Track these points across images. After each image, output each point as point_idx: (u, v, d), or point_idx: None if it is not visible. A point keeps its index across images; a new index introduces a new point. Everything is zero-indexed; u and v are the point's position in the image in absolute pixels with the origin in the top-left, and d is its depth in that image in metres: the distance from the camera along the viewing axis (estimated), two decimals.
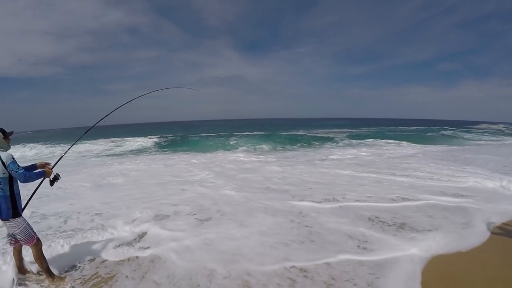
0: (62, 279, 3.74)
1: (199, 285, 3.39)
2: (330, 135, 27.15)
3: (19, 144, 23.90)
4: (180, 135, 30.82)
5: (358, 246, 4.19)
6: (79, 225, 5.30)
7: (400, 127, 40.64)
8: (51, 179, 3.83)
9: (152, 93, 5.49)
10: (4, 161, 3.33)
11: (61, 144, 26.10)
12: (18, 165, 3.39)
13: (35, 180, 3.49)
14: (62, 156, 4.34)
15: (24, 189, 3.65)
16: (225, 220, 5.40)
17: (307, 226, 4.99)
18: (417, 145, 20.64)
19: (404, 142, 22.10)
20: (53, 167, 3.90)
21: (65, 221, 5.50)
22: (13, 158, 3.39)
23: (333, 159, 13.69)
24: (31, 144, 24.65)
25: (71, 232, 4.97)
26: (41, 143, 26.72)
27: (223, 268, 3.72)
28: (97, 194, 7.64)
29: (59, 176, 3.86)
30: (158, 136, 27.99)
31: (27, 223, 3.60)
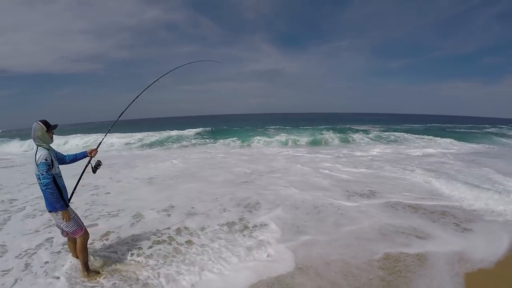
0: (97, 273, 3.70)
1: None
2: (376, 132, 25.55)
3: (70, 134, 25.75)
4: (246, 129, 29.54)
5: None
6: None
7: (447, 125, 38.78)
8: (93, 166, 3.91)
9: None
10: (36, 159, 3.27)
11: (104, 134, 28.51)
12: (48, 168, 3.26)
13: (53, 195, 3.23)
14: (104, 138, 4.71)
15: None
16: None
17: None
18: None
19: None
20: (97, 147, 3.98)
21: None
22: (46, 159, 3.27)
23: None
24: (80, 135, 26.59)
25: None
26: (85, 133, 28.16)
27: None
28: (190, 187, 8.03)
29: (101, 162, 3.96)
30: (202, 129, 27.48)
31: (74, 214, 3.60)
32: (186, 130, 26.97)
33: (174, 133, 24.87)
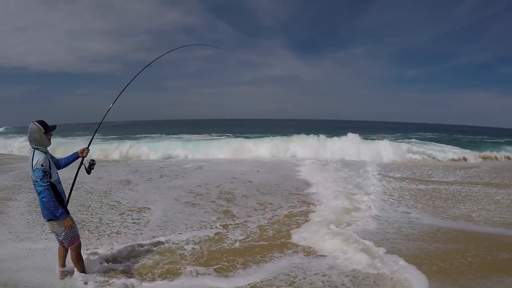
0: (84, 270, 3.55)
1: None
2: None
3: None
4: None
5: None
6: None
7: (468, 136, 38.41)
8: (87, 167, 3.62)
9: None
10: (33, 164, 3.01)
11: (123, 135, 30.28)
12: (45, 175, 2.97)
13: (49, 203, 2.98)
14: (93, 135, 4.17)
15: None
16: None
17: None
18: None
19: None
20: (88, 145, 3.71)
21: None
22: (43, 165, 2.99)
23: None
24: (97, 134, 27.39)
25: None
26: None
27: None
28: None
29: (95, 162, 3.71)
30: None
31: (73, 222, 3.29)
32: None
33: None
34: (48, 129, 3.17)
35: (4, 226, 5.34)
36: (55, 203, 3.02)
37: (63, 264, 3.55)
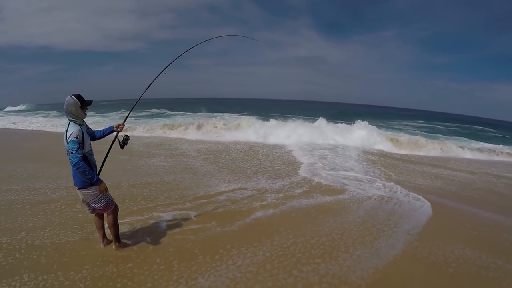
0: (126, 245, 3.76)
1: None
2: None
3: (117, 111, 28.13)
4: None
5: None
6: None
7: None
8: (121, 141, 3.75)
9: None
10: (67, 136, 3.12)
11: (149, 110, 31.70)
12: (78, 147, 3.09)
13: (84, 173, 3.13)
14: (129, 113, 4.22)
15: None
16: None
17: None
18: None
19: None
20: (124, 121, 3.77)
21: None
22: (77, 138, 3.10)
23: None
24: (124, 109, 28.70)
25: None
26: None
27: None
28: None
29: (129, 137, 3.82)
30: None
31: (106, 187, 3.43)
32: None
33: None
34: (84, 104, 3.25)
35: None
36: (90, 171, 3.16)
37: (103, 236, 3.73)
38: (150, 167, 8.09)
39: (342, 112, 43.25)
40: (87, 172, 3.12)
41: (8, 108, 49.45)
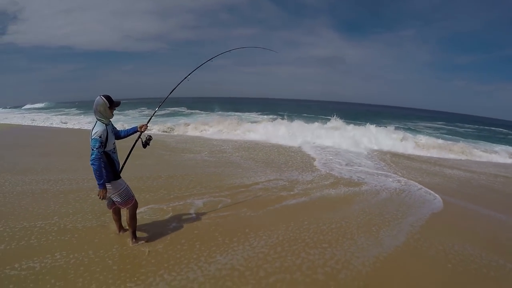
0: (143, 244, 3.79)
1: None
2: None
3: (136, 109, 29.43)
4: None
5: None
6: None
7: None
8: (144, 141, 3.93)
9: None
10: (92, 134, 3.26)
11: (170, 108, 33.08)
12: (100, 146, 3.23)
13: (96, 172, 3.23)
14: (154, 113, 4.51)
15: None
16: None
17: None
18: None
19: None
20: (147, 122, 3.97)
21: None
22: (100, 137, 3.24)
23: None
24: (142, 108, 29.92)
25: None
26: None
27: None
28: None
29: (151, 137, 4.02)
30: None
31: (126, 186, 3.63)
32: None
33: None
34: (112, 104, 3.40)
35: None
36: (100, 173, 3.25)
37: (119, 227, 4.00)
38: (191, 161, 8.86)
39: (361, 113, 43.08)
40: (97, 172, 3.23)
41: (27, 106, 50.78)
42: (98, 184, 3.29)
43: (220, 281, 3.18)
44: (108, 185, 3.42)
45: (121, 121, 21.28)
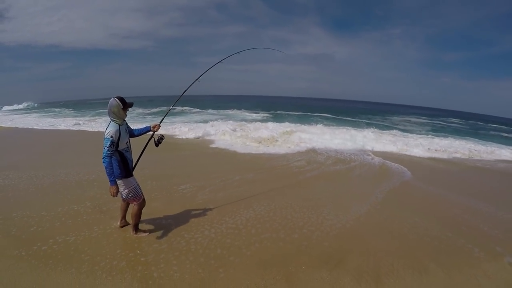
0: (144, 233, 4.08)
1: None
2: None
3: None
4: None
5: None
6: None
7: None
8: (156, 140, 4.11)
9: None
10: (105, 133, 3.42)
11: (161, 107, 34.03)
12: (111, 145, 3.38)
13: (106, 169, 3.43)
14: (166, 114, 4.68)
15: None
16: None
17: None
18: None
19: None
20: (160, 122, 4.13)
21: None
22: (112, 137, 3.38)
23: None
24: (134, 107, 30.10)
25: None
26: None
27: None
28: None
29: (164, 137, 4.19)
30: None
31: (136, 184, 3.78)
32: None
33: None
34: (126, 106, 3.53)
35: None
36: (110, 170, 3.45)
37: (123, 216, 4.24)
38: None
39: (350, 110, 44.24)
40: (107, 169, 3.43)
41: (5, 108, 47.24)
42: (109, 181, 3.50)
43: (224, 237, 4.24)
44: (120, 182, 3.61)
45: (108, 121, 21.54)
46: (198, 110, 33.71)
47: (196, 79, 4.65)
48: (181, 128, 16.23)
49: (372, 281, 3.40)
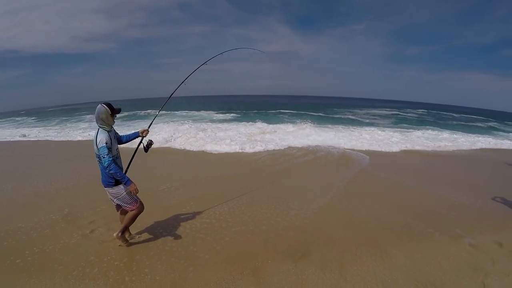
0: (125, 241, 3.91)
1: None
2: None
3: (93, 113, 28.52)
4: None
5: None
6: None
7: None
8: (145, 145, 4.01)
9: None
10: (97, 143, 3.31)
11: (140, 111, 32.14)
12: (109, 151, 3.29)
13: (116, 174, 3.37)
14: (154, 119, 4.56)
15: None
16: None
17: None
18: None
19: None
20: (148, 127, 4.08)
21: None
22: (106, 143, 3.29)
23: None
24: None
25: None
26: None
27: None
28: None
29: (152, 142, 4.08)
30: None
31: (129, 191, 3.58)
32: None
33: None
34: (114, 112, 3.45)
35: None
36: (121, 172, 3.41)
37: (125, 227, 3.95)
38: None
39: (316, 105, 45.08)
40: (118, 173, 3.35)
41: None
42: (124, 183, 3.44)
43: (197, 233, 4.41)
44: (110, 189, 3.53)
45: (84, 128, 21.00)
46: (164, 112, 32.75)
47: (182, 82, 4.58)
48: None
49: (336, 270, 3.51)
